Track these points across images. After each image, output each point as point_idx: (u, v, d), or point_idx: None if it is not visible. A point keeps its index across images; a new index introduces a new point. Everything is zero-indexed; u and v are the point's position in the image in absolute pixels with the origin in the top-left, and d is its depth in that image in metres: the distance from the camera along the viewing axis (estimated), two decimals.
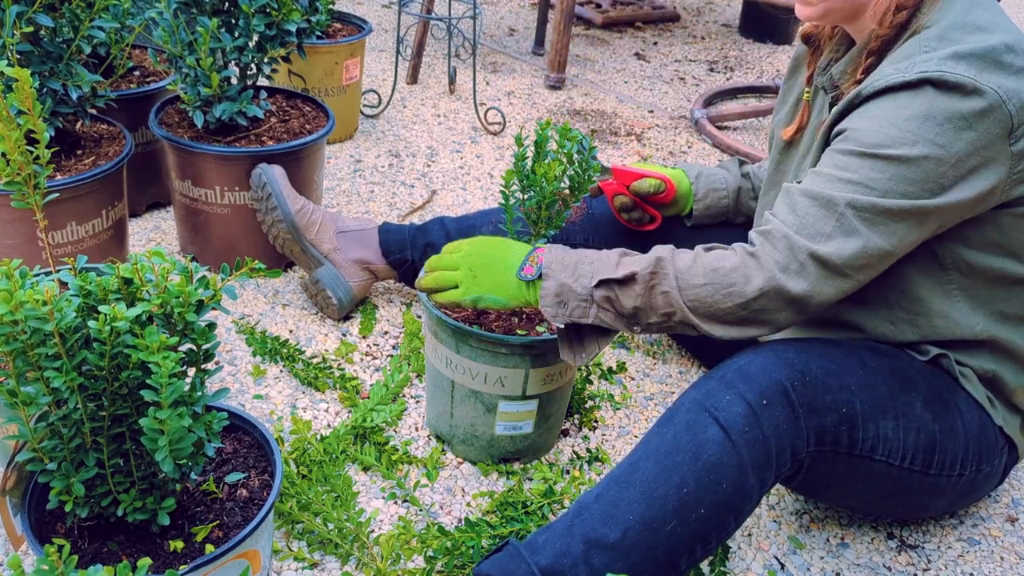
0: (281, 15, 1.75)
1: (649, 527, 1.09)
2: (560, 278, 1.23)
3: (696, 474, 1.10)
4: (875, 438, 1.19)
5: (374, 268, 1.80)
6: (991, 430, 1.29)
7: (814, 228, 1.14)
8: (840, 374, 1.18)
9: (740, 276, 1.16)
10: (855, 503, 1.37)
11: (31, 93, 1.15)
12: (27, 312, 0.86)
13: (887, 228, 1.13)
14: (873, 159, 1.12)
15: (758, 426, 1.12)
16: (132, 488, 1.01)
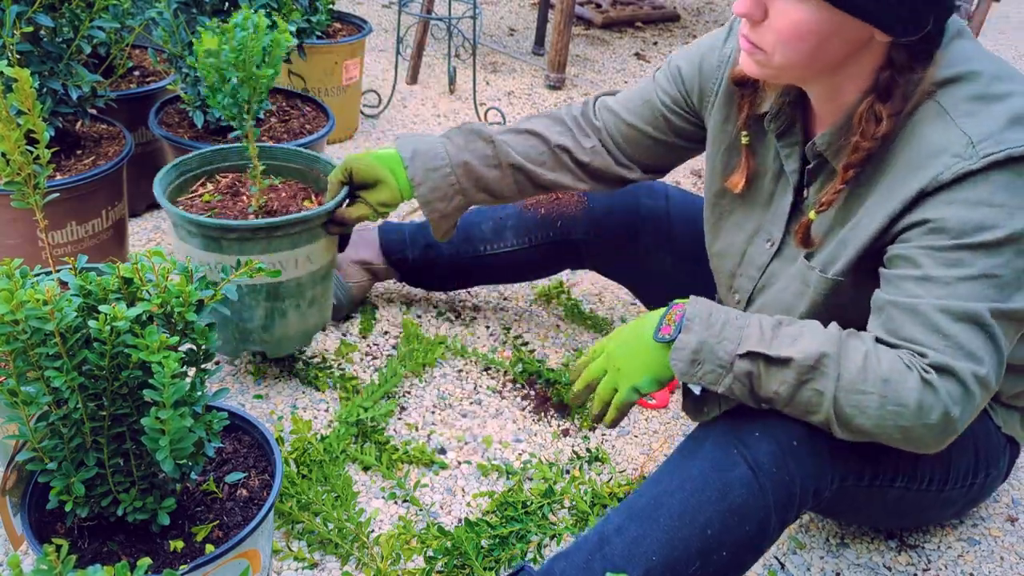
0: (281, 15, 1.75)
1: (671, 569, 1.07)
2: (701, 335, 1.10)
3: (721, 515, 1.07)
4: (894, 470, 1.18)
5: (374, 268, 1.80)
6: (993, 433, 1.29)
7: (974, 353, 1.03)
8: None
9: (915, 403, 1.02)
10: (868, 522, 1.38)
11: (31, 93, 1.15)
12: (28, 312, 0.86)
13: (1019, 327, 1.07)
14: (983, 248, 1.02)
15: (786, 468, 1.08)
16: (132, 488, 1.01)
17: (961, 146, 1.03)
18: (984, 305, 1.02)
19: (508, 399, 1.65)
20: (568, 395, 1.28)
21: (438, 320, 1.85)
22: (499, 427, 1.59)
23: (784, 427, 1.10)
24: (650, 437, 1.59)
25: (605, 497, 1.42)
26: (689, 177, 2.58)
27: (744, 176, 1.29)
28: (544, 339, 1.82)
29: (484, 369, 1.72)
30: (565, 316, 1.90)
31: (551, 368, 1.71)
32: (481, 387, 1.68)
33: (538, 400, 1.64)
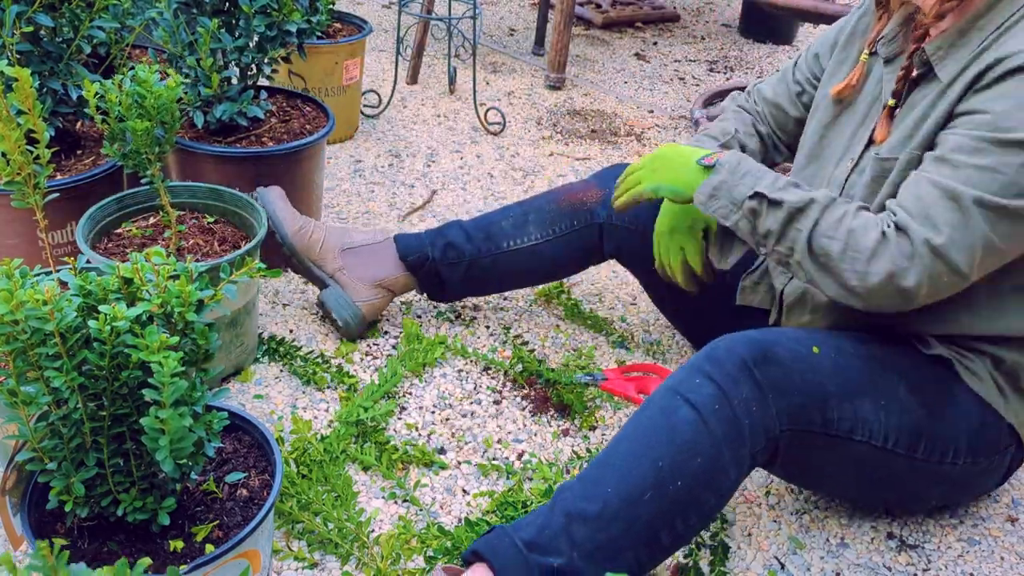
0: (282, 15, 1.75)
1: (627, 500, 1.12)
2: (724, 177, 1.28)
3: (671, 451, 1.14)
4: (852, 419, 1.20)
5: (389, 283, 1.73)
6: (994, 427, 1.28)
7: (937, 220, 1.11)
8: (808, 357, 1.20)
9: (870, 252, 1.14)
10: (844, 490, 1.36)
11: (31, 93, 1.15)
12: (28, 312, 0.86)
13: (1009, 225, 1.10)
14: (1006, 144, 1.08)
15: (728, 404, 1.15)
16: (132, 488, 1.01)
17: None
18: (972, 191, 1.10)
19: (508, 399, 1.65)
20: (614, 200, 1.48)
21: (438, 320, 1.85)
22: (499, 427, 1.59)
23: (720, 369, 1.17)
24: None
25: None
26: None
27: (849, 84, 1.37)
28: (544, 339, 1.82)
29: (484, 369, 1.72)
30: (565, 316, 1.90)
31: (551, 368, 1.71)
32: (481, 387, 1.68)
33: (538, 400, 1.64)
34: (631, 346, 1.84)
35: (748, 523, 1.43)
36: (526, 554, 1.11)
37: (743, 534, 1.41)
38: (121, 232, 1.58)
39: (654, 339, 1.87)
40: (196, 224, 1.62)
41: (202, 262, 1.49)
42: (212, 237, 1.59)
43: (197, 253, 1.54)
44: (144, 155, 1.44)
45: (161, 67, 1.79)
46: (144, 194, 1.61)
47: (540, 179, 2.48)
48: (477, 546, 1.14)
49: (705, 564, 1.33)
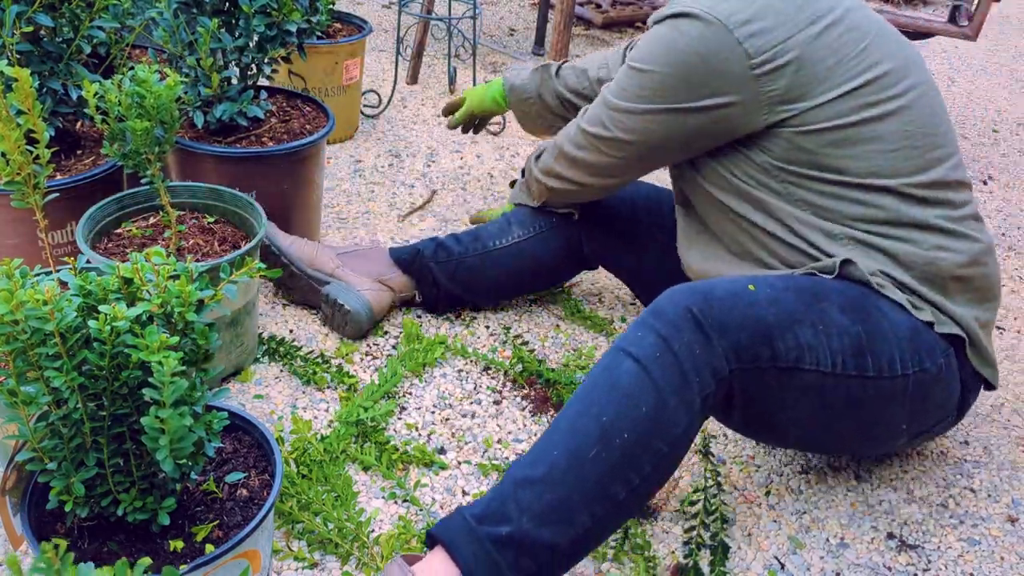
0: (281, 15, 1.75)
1: (573, 458, 1.13)
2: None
3: (613, 403, 1.15)
4: (797, 348, 1.22)
5: (386, 280, 1.78)
6: (924, 331, 1.31)
7: (589, 114, 1.53)
8: (746, 294, 1.24)
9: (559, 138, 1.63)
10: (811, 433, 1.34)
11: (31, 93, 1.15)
12: (28, 312, 0.86)
13: (627, 123, 1.45)
14: (629, 69, 1.43)
15: (669, 351, 1.17)
16: (132, 488, 1.01)
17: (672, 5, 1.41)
18: (610, 92, 1.48)
19: (508, 399, 1.65)
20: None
21: (438, 320, 1.85)
22: (499, 427, 1.59)
23: (662, 319, 1.19)
24: None
25: None
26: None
27: None
28: (544, 339, 1.82)
29: (484, 369, 1.72)
30: (565, 316, 1.90)
31: (551, 368, 1.71)
32: (481, 387, 1.68)
33: (538, 400, 1.65)
34: None
35: (748, 523, 1.43)
36: (475, 526, 1.11)
37: (743, 534, 1.41)
38: (121, 232, 1.58)
39: None
40: (196, 224, 1.62)
41: (202, 262, 1.49)
42: (212, 237, 1.59)
43: (197, 253, 1.54)
44: (144, 155, 1.44)
45: (161, 67, 1.79)
46: (144, 194, 1.61)
47: None
48: (433, 530, 1.15)
49: (705, 564, 1.33)
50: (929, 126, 1.35)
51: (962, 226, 1.37)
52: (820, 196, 1.35)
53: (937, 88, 1.41)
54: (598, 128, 1.50)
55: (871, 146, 1.32)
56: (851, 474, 1.55)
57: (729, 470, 1.53)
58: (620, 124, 1.46)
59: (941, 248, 1.35)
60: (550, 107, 1.95)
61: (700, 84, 1.34)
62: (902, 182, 1.33)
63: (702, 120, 1.37)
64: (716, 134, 1.39)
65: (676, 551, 1.36)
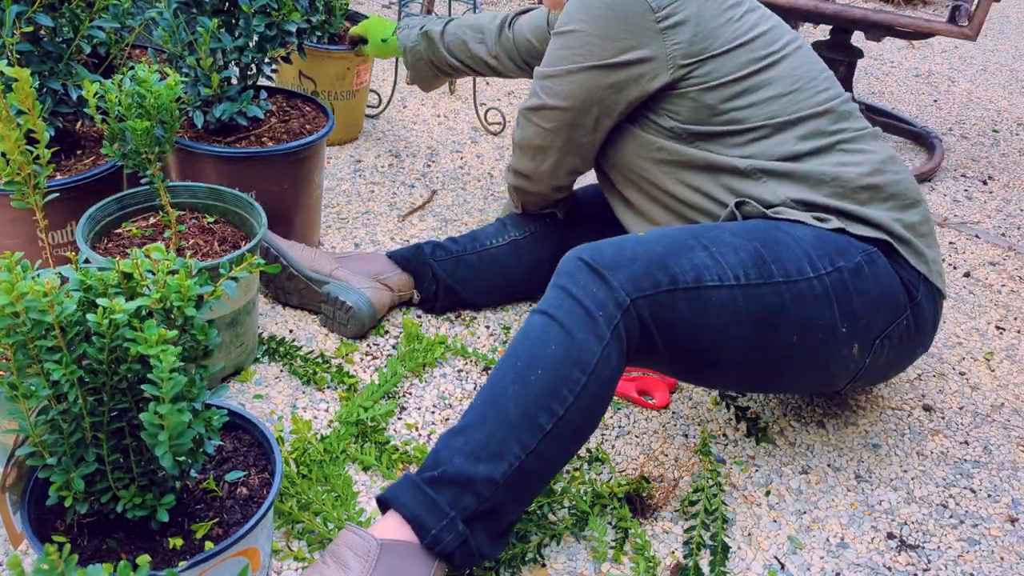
0: (281, 15, 1.76)
1: (493, 400, 1.20)
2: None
3: (525, 348, 1.23)
4: (694, 268, 1.28)
5: (384, 279, 1.79)
6: (831, 236, 1.37)
7: (530, 92, 1.59)
8: (633, 239, 1.32)
9: None
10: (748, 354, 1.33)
11: (31, 93, 1.15)
12: (28, 303, 0.86)
13: (554, 87, 1.52)
14: (553, 36, 1.52)
15: (570, 297, 1.25)
16: (132, 484, 1.01)
17: None
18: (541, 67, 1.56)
19: None
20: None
21: (438, 320, 1.85)
22: None
23: (561, 276, 1.28)
24: (650, 437, 1.59)
25: (605, 497, 1.42)
26: None
27: None
28: None
29: (484, 369, 1.72)
30: None
31: None
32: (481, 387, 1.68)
33: None
34: None
35: (748, 523, 1.43)
36: (413, 477, 1.18)
37: (743, 534, 1.41)
38: (121, 232, 1.58)
39: None
40: (196, 224, 1.62)
41: (202, 261, 1.49)
42: (212, 237, 1.59)
43: (197, 253, 1.54)
44: (144, 155, 1.44)
45: (161, 67, 1.79)
46: (144, 194, 1.61)
47: None
48: (380, 495, 1.21)
49: (705, 564, 1.33)
50: (812, 70, 1.49)
51: (860, 144, 1.47)
52: (726, 147, 1.46)
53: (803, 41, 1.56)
54: (532, 100, 1.57)
55: (767, 91, 1.44)
56: (851, 474, 1.55)
57: (729, 470, 1.53)
58: (548, 90, 1.53)
59: (843, 164, 1.44)
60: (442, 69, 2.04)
61: (613, 38, 1.44)
62: (797, 118, 1.45)
63: (620, 76, 1.46)
64: (632, 93, 1.48)
65: (676, 551, 1.36)
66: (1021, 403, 1.78)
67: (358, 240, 2.11)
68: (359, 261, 1.81)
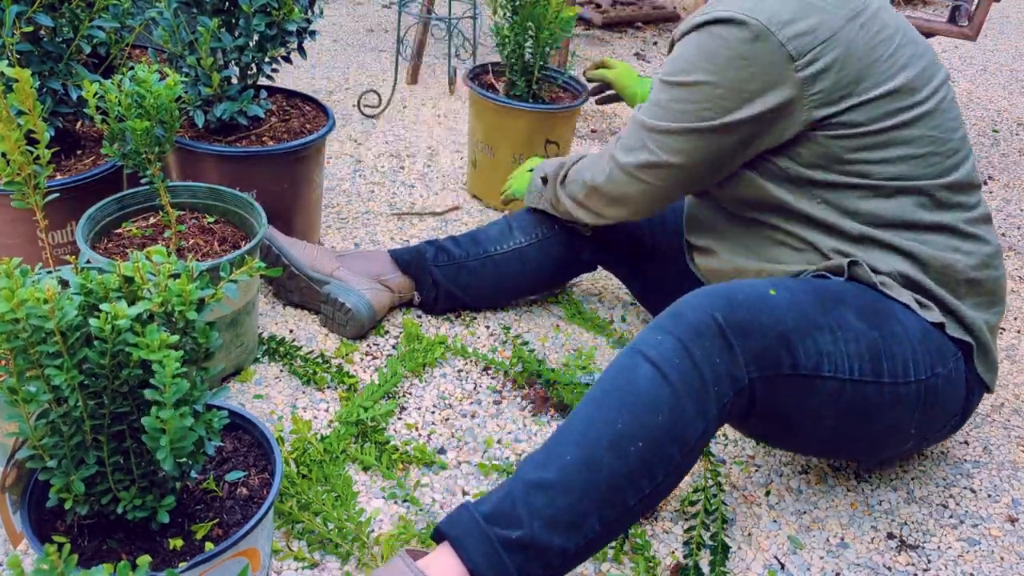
0: (282, 14, 1.75)
1: (586, 464, 1.11)
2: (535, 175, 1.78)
3: (629, 408, 1.13)
4: (817, 354, 1.21)
5: (385, 280, 1.79)
6: (934, 334, 1.31)
7: (624, 142, 1.45)
8: (766, 298, 1.23)
9: (589, 171, 1.56)
10: (824, 439, 1.34)
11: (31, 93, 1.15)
12: (28, 310, 0.86)
13: (672, 144, 1.38)
14: (664, 85, 1.38)
15: (689, 357, 1.15)
16: (132, 486, 1.01)
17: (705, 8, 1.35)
18: (645, 116, 1.41)
19: (508, 399, 1.65)
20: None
21: (438, 320, 1.85)
22: (499, 427, 1.59)
23: (683, 324, 1.17)
24: None
25: None
26: None
27: None
28: (544, 339, 1.82)
29: (484, 369, 1.72)
30: (565, 316, 1.90)
31: (551, 368, 1.71)
32: (481, 387, 1.68)
33: (538, 400, 1.64)
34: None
35: (748, 523, 1.43)
36: (485, 527, 1.10)
37: (743, 534, 1.41)
38: (121, 232, 1.58)
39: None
40: (196, 224, 1.62)
41: (202, 262, 1.49)
42: (212, 237, 1.59)
43: (197, 253, 1.54)
44: (144, 155, 1.44)
45: (161, 67, 1.79)
46: (144, 194, 1.61)
47: None
48: (440, 525, 1.14)
49: (705, 564, 1.33)
50: (950, 131, 1.35)
51: (975, 228, 1.38)
52: (842, 199, 1.35)
53: (950, 84, 1.41)
54: (640, 156, 1.42)
55: (899, 151, 1.32)
56: (851, 474, 1.55)
57: (729, 470, 1.53)
58: (665, 147, 1.38)
59: (955, 250, 1.35)
60: None
61: (744, 90, 1.30)
62: (924, 185, 1.33)
63: (750, 131, 1.33)
64: (762, 145, 1.35)
65: (676, 551, 1.36)
66: (1021, 403, 1.78)
67: (358, 240, 2.11)
68: (361, 260, 1.81)
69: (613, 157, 1.46)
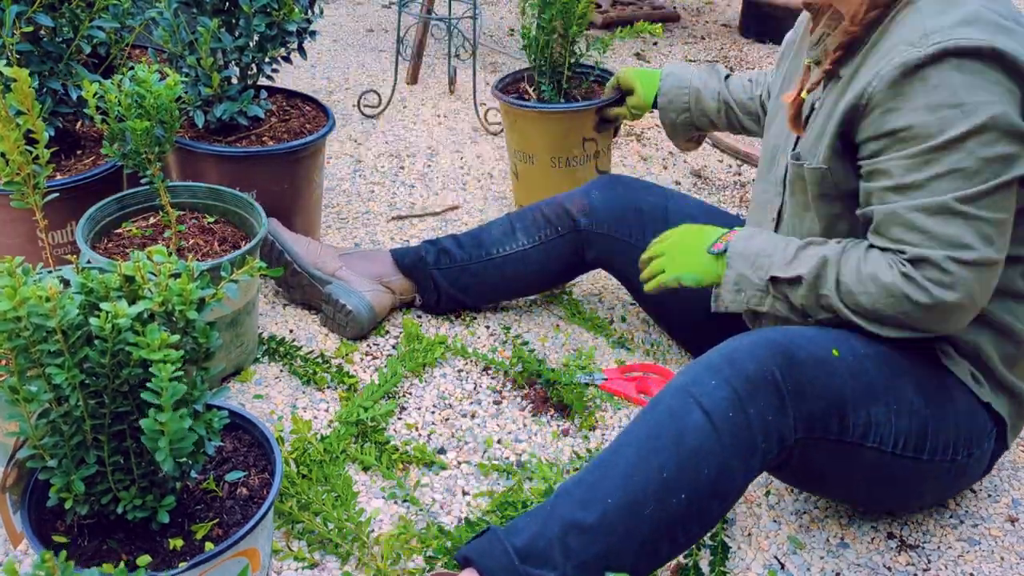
0: (282, 15, 1.75)
1: (627, 511, 1.09)
2: (740, 269, 1.32)
3: (677, 459, 1.10)
4: (866, 424, 1.19)
5: (387, 282, 1.78)
6: (980, 413, 1.29)
7: (950, 240, 1.15)
8: (829, 361, 1.18)
9: (902, 296, 1.17)
10: (846, 493, 1.36)
11: (30, 93, 1.15)
12: (30, 308, 0.86)
13: (999, 201, 1.15)
14: (949, 146, 1.13)
15: (743, 411, 1.12)
16: (132, 486, 1.01)
17: (917, 36, 1.14)
18: (951, 196, 1.14)
19: (508, 399, 1.65)
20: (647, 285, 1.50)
21: (438, 320, 1.85)
22: (499, 427, 1.59)
23: (740, 373, 1.13)
24: None
25: None
26: (689, 178, 2.58)
27: (796, 93, 1.37)
28: (544, 339, 1.82)
29: (484, 369, 1.72)
30: (565, 316, 1.90)
31: (551, 368, 1.71)
32: (481, 387, 1.68)
33: (538, 400, 1.64)
34: (631, 346, 1.84)
35: (748, 523, 1.43)
36: (517, 564, 1.09)
37: (743, 534, 1.41)
38: (121, 232, 1.58)
39: (654, 339, 1.87)
40: (196, 224, 1.62)
41: (202, 262, 1.49)
42: (212, 237, 1.59)
43: (197, 253, 1.54)
44: (144, 155, 1.44)
45: (161, 67, 1.79)
46: (144, 194, 1.61)
47: None
48: (469, 552, 1.12)
49: (705, 564, 1.33)
50: None
51: None
52: None
53: None
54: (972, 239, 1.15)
55: None
56: None
57: None
58: (994, 206, 1.15)
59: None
60: (702, 105, 1.79)
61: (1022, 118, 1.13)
62: None
63: None
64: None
65: None
66: None
67: (358, 240, 2.11)
68: (363, 261, 1.80)
69: (940, 265, 1.15)
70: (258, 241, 1.51)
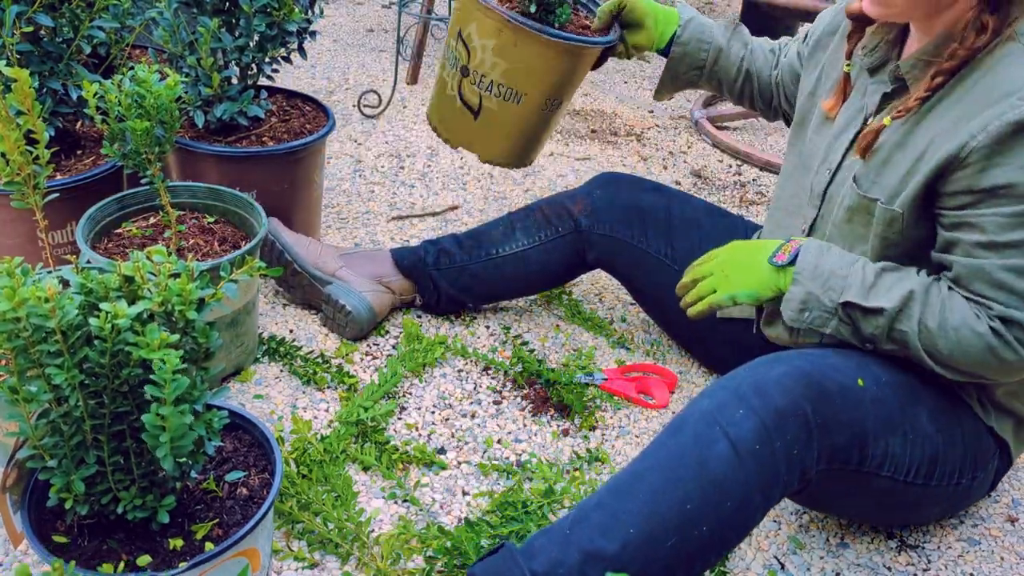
0: (282, 15, 1.75)
1: (649, 541, 1.07)
2: (809, 287, 1.24)
3: (701, 490, 1.08)
4: (883, 455, 1.19)
5: (387, 282, 1.78)
6: (985, 436, 1.29)
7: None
8: (855, 391, 1.17)
9: (987, 349, 1.15)
10: (853, 514, 1.38)
11: (30, 93, 1.15)
12: (29, 309, 0.86)
13: None
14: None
15: (769, 444, 1.10)
16: (132, 486, 1.01)
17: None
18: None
19: (508, 399, 1.65)
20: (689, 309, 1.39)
21: (438, 320, 1.85)
22: (499, 427, 1.59)
23: (769, 405, 1.11)
24: (650, 437, 1.59)
25: None
26: (689, 178, 2.58)
27: (838, 100, 1.36)
28: (544, 339, 1.82)
29: (484, 369, 1.72)
30: (565, 316, 1.90)
31: (551, 368, 1.71)
32: (481, 387, 1.68)
33: (538, 400, 1.64)
34: (631, 346, 1.84)
35: None
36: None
37: None
38: (121, 232, 1.58)
39: (654, 339, 1.87)
40: (196, 224, 1.62)
41: (202, 262, 1.49)
42: (212, 237, 1.59)
43: (197, 253, 1.54)
44: (144, 155, 1.44)
45: (161, 67, 1.79)
46: (144, 194, 1.61)
47: (540, 179, 2.48)
48: (483, 572, 1.11)
49: None
50: None
51: None
52: None
53: None
54: None
55: None
56: None
57: None
58: None
59: None
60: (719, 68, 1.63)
61: None
62: None
63: None
64: None
65: None
66: None
67: (358, 240, 2.11)
68: (363, 261, 1.80)
69: None
70: (258, 241, 1.51)
